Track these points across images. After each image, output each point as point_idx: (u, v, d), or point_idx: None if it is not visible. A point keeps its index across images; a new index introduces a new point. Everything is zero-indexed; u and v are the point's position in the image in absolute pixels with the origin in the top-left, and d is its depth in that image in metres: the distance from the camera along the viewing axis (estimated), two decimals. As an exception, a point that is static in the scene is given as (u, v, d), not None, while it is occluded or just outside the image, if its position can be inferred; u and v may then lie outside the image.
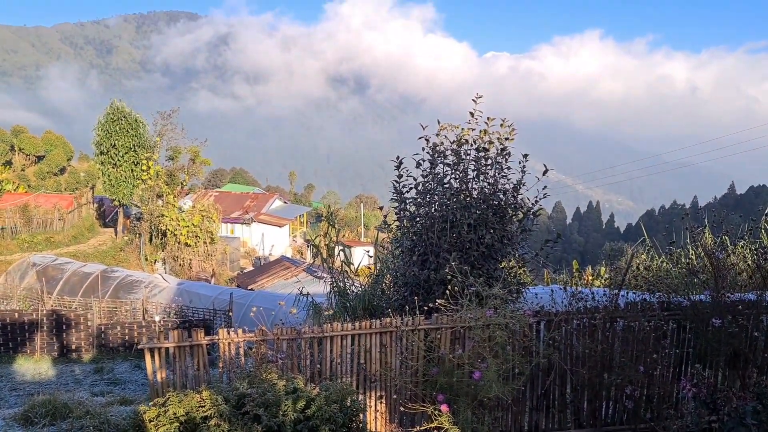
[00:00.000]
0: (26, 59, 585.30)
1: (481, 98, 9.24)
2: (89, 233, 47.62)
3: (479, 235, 8.92)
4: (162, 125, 46.39)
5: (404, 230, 9.66)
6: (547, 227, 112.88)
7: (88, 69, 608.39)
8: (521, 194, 9.42)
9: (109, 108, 43.03)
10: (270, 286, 37.14)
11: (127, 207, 47.81)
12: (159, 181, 43.69)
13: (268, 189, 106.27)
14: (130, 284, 29.26)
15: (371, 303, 10.76)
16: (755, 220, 10.41)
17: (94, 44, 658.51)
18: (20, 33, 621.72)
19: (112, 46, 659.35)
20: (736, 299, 7.27)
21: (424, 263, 9.12)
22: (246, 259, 54.42)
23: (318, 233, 68.61)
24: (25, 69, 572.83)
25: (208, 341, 7.28)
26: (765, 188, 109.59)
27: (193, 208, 44.75)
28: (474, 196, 9.21)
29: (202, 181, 72.38)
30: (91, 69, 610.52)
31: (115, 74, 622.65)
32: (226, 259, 47.27)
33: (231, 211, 60.20)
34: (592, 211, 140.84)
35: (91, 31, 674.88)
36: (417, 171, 9.45)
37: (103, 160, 43.46)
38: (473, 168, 9.26)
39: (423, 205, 9.40)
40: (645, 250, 16.78)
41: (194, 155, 48.93)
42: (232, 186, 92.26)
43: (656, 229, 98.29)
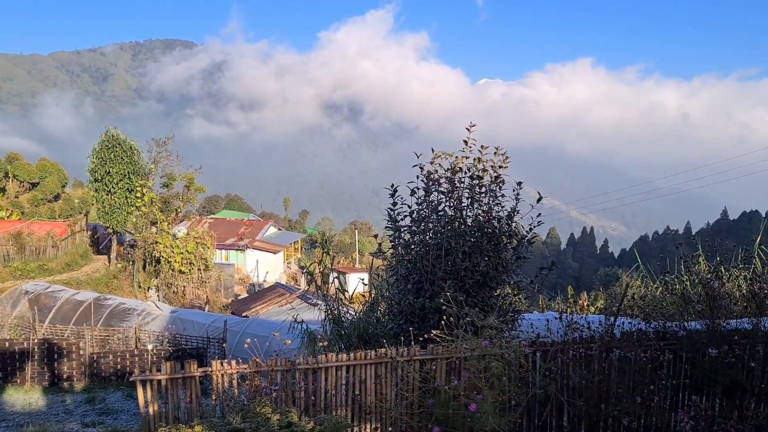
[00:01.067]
0: (22, 87, 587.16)
1: (474, 126, 9.30)
2: (83, 260, 47.38)
3: (474, 262, 8.90)
4: (157, 152, 46.48)
5: (399, 258, 9.63)
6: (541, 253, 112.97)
7: (83, 96, 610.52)
8: (515, 221, 9.43)
9: (104, 135, 43.08)
10: (264, 313, 36.88)
11: (121, 234, 47.64)
12: (153, 208, 43.60)
13: (262, 215, 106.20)
14: (123, 312, 29.01)
15: (366, 331, 10.68)
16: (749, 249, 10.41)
17: (90, 72, 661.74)
18: (16, 61, 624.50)
19: (108, 74, 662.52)
20: (732, 329, 7.24)
21: (419, 291, 9.08)
22: (240, 285, 54.15)
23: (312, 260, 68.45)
24: (20, 96, 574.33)
25: (201, 373, 7.19)
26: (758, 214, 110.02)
27: (187, 235, 44.62)
28: (468, 224, 9.22)
29: (197, 207, 72.27)
30: (86, 96, 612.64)
31: (111, 101, 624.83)
32: (220, 285, 47.03)
33: (225, 238, 60.06)
34: (586, 236, 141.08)
35: (87, 59, 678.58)
36: (411, 199, 9.47)
37: (97, 187, 43.38)
38: (467, 196, 9.28)
39: (418, 233, 9.39)
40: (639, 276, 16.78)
41: (189, 182, 48.92)
42: (227, 213, 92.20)
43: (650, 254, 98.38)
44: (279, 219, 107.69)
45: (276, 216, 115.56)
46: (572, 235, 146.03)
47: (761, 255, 11.90)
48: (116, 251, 47.55)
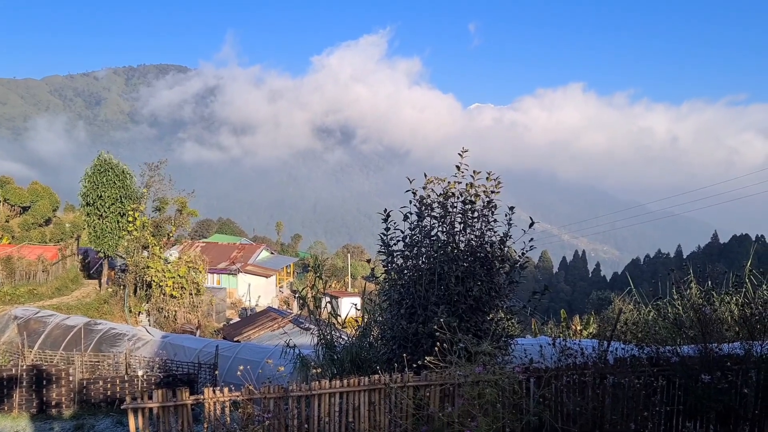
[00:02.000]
0: (14, 111, 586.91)
1: (467, 152, 9.36)
2: (73, 285, 47.02)
3: (467, 287, 8.90)
4: (149, 176, 46.43)
5: (392, 283, 9.63)
6: (534, 276, 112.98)
7: (75, 120, 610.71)
8: (508, 246, 9.46)
9: (97, 160, 43.01)
10: (256, 337, 36.63)
11: (112, 258, 47.37)
12: (145, 232, 43.44)
13: (255, 239, 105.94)
14: (113, 337, 28.75)
15: (359, 356, 10.63)
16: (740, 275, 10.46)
17: (83, 96, 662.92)
18: (9, 85, 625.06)
19: (101, 98, 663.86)
20: (725, 354, 7.24)
21: (412, 316, 9.06)
22: (232, 310, 53.84)
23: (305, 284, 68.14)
24: (13, 120, 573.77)
25: (193, 401, 7.13)
26: (748, 237, 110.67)
27: (179, 260, 44.42)
28: (461, 249, 9.23)
29: (189, 231, 72.09)
30: (78, 120, 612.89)
31: (103, 125, 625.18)
32: (212, 310, 46.74)
33: (218, 262, 59.84)
34: (578, 260, 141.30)
35: (81, 83, 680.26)
36: (404, 224, 9.49)
37: (89, 211, 43.20)
38: (460, 221, 9.31)
39: (410, 258, 9.40)
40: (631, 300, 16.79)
41: (181, 206, 48.84)
42: (219, 236, 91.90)
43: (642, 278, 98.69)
44: (271, 243, 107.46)
45: (268, 240, 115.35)
46: (564, 258, 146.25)
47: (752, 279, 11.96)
48: (107, 276, 47.25)
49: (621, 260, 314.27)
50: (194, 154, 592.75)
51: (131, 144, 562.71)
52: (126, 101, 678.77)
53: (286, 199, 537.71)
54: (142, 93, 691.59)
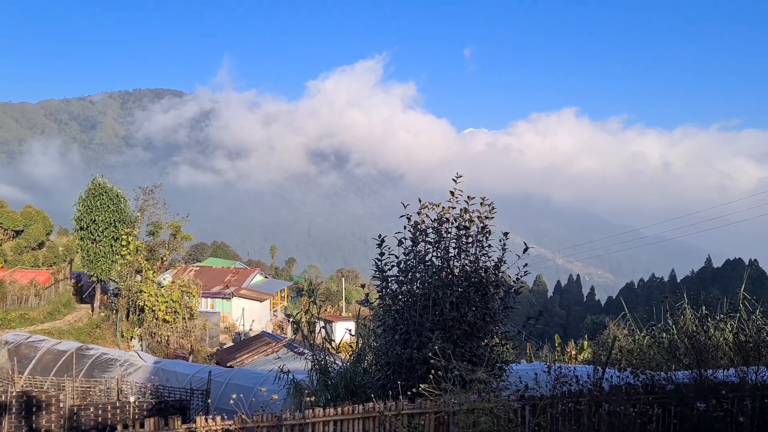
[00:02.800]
0: (9, 134, 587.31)
1: (461, 177, 9.39)
2: (65, 309, 46.69)
3: (461, 312, 8.87)
4: (144, 200, 46.39)
5: (387, 308, 9.59)
6: (528, 300, 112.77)
7: (70, 143, 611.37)
8: (502, 271, 9.45)
9: (91, 184, 42.98)
10: (250, 362, 36.32)
11: (105, 282, 47.13)
12: (139, 256, 43.27)
13: (249, 263, 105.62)
14: (105, 362, 28.45)
15: (353, 381, 10.56)
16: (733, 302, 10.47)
17: (79, 120, 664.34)
18: (5, 109, 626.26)
19: (97, 122, 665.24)
20: (720, 381, 7.21)
21: (407, 342, 9.01)
22: (226, 334, 53.46)
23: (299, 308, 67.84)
24: (7, 144, 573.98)
25: (185, 430, 7.06)
26: (741, 262, 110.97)
27: (172, 284, 44.18)
28: (456, 274, 9.23)
29: (183, 255, 71.82)
30: (73, 143, 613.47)
31: (98, 149, 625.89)
32: (205, 334, 46.38)
33: (211, 286, 59.54)
34: (573, 284, 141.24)
35: (76, 107, 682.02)
36: (399, 249, 9.48)
37: (82, 235, 43.06)
38: (454, 246, 9.31)
39: (405, 283, 9.38)
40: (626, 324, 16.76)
41: (175, 230, 48.76)
42: (213, 260, 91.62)
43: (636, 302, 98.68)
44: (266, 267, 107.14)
45: (263, 264, 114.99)
46: (559, 282, 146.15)
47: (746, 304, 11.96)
48: (100, 300, 46.96)
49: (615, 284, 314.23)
50: (188, 178, 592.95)
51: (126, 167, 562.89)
52: (121, 125, 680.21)
53: (281, 222, 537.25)
54: (137, 117, 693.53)
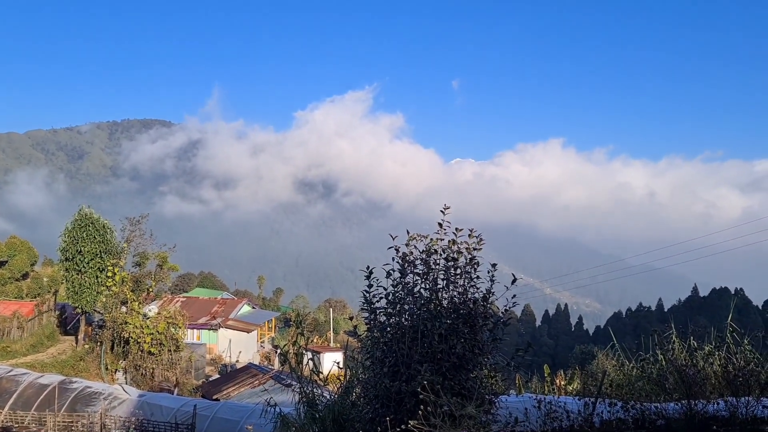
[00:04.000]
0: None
1: (449, 209, 9.45)
2: (49, 342, 46.09)
3: (450, 344, 8.85)
4: (130, 231, 46.17)
5: (375, 340, 9.55)
6: (517, 330, 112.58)
7: (56, 173, 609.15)
8: (491, 302, 9.46)
9: (78, 214, 42.80)
10: (236, 395, 35.94)
11: (89, 314, 46.62)
12: (124, 287, 42.91)
13: (236, 293, 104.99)
14: (88, 396, 28.00)
15: (341, 415, 10.47)
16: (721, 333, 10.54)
17: (66, 150, 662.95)
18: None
19: (84, 152, 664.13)
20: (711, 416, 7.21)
21: (395, 375, 8.96)
22: (212, 366, 52.88)
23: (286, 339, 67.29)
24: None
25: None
26: (727, 291, 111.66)
27: (158, 315, 43.79)
28: (444, 306, 9.22)
29: (169, 286, 71.29)
30: (59, 173, 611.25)
31: (85, 179, 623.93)
32: (191, 367, 45.86)
33: (198, 317, 59.04)
34: (561, 313, 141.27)
35: (64, 138, 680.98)
36: (387, 280, 9.48)
37: (67, 266, 42.74)
38: (443, 278, 9.32)
39: (393, 315, 9.35)
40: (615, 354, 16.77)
41: (162, 261, 48.46)
42: (200, 291, 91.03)
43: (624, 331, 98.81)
44: (253, 297, 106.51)
45: (250, 294, 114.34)
46: (547, 311, 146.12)
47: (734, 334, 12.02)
48: (84, 332, 46.41)
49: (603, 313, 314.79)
50: (175, 208, 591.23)
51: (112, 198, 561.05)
52: (109, 155, 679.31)
53: (268, 252, 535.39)
54: (125, 147, 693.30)
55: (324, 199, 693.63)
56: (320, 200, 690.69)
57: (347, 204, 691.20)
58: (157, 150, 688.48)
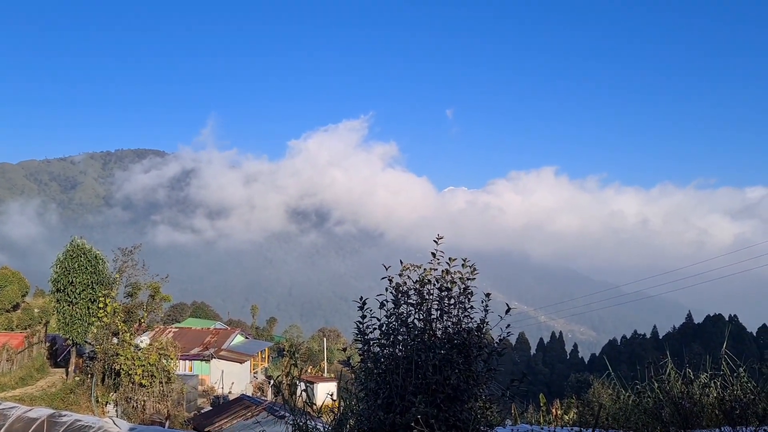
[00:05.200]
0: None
1: (442, 239, 9.45)
2: (38, 374, 45.54)
3: (445, 376, 8.78)
4: (123, 261, 45.91)
5: (368, 372, 9.47)
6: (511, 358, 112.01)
7: (48, 203, 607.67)
8: (485, 332, 9.42)
9: (69, 245, 42.62)
10: (228, 427, 35.47)
11: (80, 346, 46.14)
12: (116, 318, 42.54)
13: (229, 323, 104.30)
14: (78, 430, 27.52)
15: (335, 448, 10.34)
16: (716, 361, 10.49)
17: (59, 180, 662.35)
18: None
19: (77, 182, 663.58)
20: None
21: (390, 406, 8.87)
22: (204, 398, 52.27)
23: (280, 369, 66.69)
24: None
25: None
26: (721, 317, 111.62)
27: (150, 346, 43.37)
28: (438, 336, 9.17)
29: (162, 316, 70.76)
30: (51, 203, 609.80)
31: (78, 209, 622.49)
32: (182, 398, 45.30)
33: (190, 348, 58.50)
34: (556, 341, 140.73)
35: (57, 168, 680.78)
36: (380, 311, 9.43)
37: (59, 297, 42.42)
38: (436, 308, 9.28)
39: (387, 346, 9.29)
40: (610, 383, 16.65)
41: (154, 291, 48.14)
42: (193, 321, 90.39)
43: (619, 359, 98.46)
44: (246, 327, 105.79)
45: (243, 324, 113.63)
46: (542, 340, 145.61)
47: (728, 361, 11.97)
48: (75, 364, 45.88)
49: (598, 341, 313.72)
50: (167, 237, 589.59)
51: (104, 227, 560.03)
52: (102, 185, 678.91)
53: (262, 282, 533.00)
54: (118, 177, 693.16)
55: (317, 228, 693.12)
56: (313, 229, 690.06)
57: (340, 233, 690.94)
58: (150, 180, 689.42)
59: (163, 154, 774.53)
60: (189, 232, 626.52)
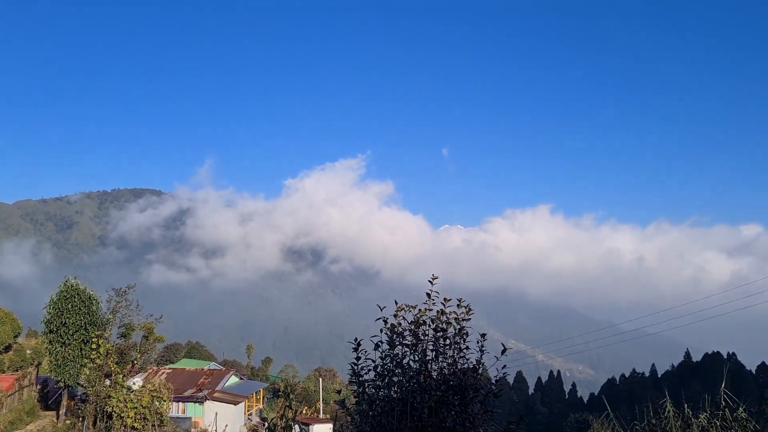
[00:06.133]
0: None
1: (437, 279, 9.43)
2: (29, 417, 44.78)
3: (440, 418, 8.69)
4: (116, 302, 45.55)
5: (364, 414, 9.35)
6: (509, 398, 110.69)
7: (43, 243, 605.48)
8: (481, 373, 9.33)
9: (63, 286, 42.35)
10: (221, 471, 34.83)
11: (72, 387, 45.48)
12: (109, 359, 42.03)
13: (224, 363, 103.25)
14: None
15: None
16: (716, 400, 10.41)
17: (55, 220, 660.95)
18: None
19: (73, 222, 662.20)
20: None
21: (385, 450, 8.75)
22: (197, 441, 51.40)
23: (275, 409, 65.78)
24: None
25: None
26: (719, 355, 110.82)
27: (143, 388, 42.76)
28: (434, 378, 9.09)
29: (155, 357, 69.96)
30: (46, 243, 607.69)
31: (73, 249, 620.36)
32: (175, 442, 44.56)
33: (184, 389, 57.67)
34: (554, 381, 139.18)
35: (53, 208, 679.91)
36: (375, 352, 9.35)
37: (51, 338, 41.97)
38: (432, 349, 9.23)
39: (382, 388, 9.20)
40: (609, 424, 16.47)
41: (148, 332, 47.67)
42: (187, 362, 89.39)
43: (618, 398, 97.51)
44: (241, 367, 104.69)
45: (238, 364, 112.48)
46: (539, 379, 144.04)
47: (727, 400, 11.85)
48: (66, 406, 45.16)
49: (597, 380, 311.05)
50: (162, 277, 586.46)
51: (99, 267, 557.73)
52: (97, 225, 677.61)
53: (257, 321, 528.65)
54: (114, 216, 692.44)
55: (312, 267, 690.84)
56: (309, 268, 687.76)
57: (336, 271, 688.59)
58: (146, 219, 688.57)
59: (160, 194, 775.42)
60: (184, 271, 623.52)
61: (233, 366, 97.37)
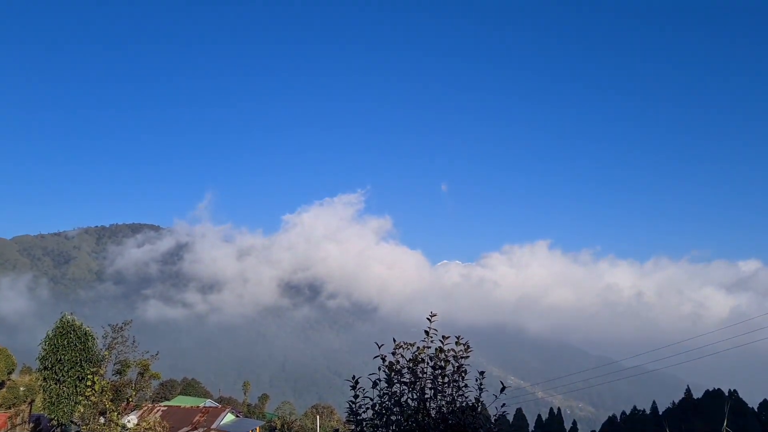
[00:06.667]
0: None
1: (435, 316, 9.42)
2: (21, 456, 44.06)
3: (439, 458, 8.60)
4: (112, 338, 45.22)
5: (361, 454, 9.26)
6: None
7: (40, 278, 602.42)
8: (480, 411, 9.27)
9: (59, 322, 42.08)
10: None
11: (66, 426, 44.85)
12: (104, 397, 41.53)
13: (220, 400, 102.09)
14: None
15: None
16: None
17: (52, 255, 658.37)
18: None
19: (70, 257, 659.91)
20: None
21: (383, 491, 8.64)
22: (191, 481, 50.52)
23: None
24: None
25: None
26: (720, 392, 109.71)
27: (138, 426, 42.20)
28: (432, 416, 9.03)
29: (151, 394, 69.16)
30: (43, 278, 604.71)
31: (70, 284, 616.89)
32: (169, 481, 43.81)
33: (179, 427, 56.92)
34: (554, 418, 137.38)
35: (51, 243, 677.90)
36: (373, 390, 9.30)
37: (46, 375, 41.53)
38: (430, 386, 9.19)
39: (380, 427, 9.13)
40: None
41: (143, 369, 47.21)
42: (183, 399, 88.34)
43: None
44: (238, 404, 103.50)
45: (234, 401, 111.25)
46: (539, 416, 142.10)
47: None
48: (59, 444, 44.50)
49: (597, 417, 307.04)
50: (158, 312, 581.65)
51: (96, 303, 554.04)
52: (95, 260, 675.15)
53: (254, 357, 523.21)
54: (111, 251, 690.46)
55: (309, 302, 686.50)
56: (306, 303, 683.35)
57: (333, 307, 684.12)
58: (143, 254, 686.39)
59: (158, 229, 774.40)
60: (180, 306, 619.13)
61: (229, 403, 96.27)
